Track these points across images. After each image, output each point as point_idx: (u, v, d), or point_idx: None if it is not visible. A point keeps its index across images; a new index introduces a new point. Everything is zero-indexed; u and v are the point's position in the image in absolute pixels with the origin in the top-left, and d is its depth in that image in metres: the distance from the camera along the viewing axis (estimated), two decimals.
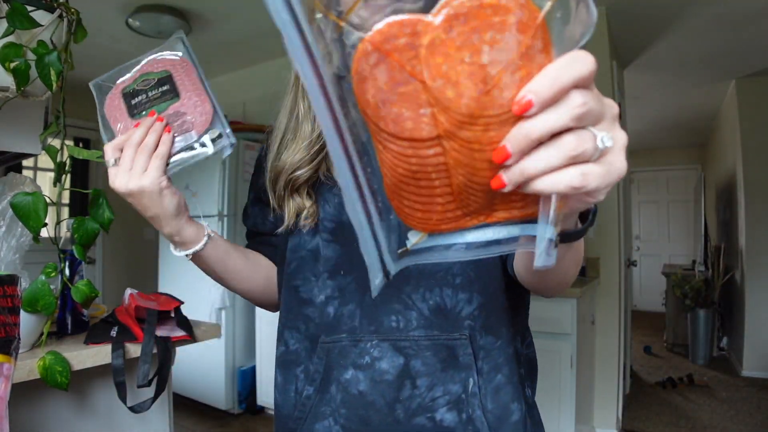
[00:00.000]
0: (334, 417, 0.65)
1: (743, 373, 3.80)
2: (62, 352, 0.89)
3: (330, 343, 0.66)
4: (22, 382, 0.85)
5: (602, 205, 2.63)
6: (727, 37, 3.10)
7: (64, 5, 0.94)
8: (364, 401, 0.64)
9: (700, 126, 5.54)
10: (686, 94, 4.38)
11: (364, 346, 0.64)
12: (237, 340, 3.05)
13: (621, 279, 2.64)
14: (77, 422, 1.06)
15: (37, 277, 0.87)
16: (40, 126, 1.10)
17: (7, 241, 0.91)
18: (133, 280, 4.47)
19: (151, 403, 1.01)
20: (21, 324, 0.77)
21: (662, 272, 5.13)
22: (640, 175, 6.92)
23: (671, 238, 6.77)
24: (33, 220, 0.84)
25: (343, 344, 0.65)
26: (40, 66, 0.87)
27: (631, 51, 3.31)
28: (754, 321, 3.77)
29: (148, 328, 1.02)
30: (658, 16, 2.80)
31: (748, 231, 3.86)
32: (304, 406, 0.67)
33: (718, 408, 3.10)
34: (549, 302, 2.07)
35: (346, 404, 0.64)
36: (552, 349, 2.06)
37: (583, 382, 2.25)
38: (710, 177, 5.71)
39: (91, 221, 0.93)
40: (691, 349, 4.25)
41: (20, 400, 0.95)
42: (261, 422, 2.93)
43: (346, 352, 0.65)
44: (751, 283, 3.81)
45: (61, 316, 1.05)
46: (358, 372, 0.64)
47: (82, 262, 1.03)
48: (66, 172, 0.95)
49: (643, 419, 2.91)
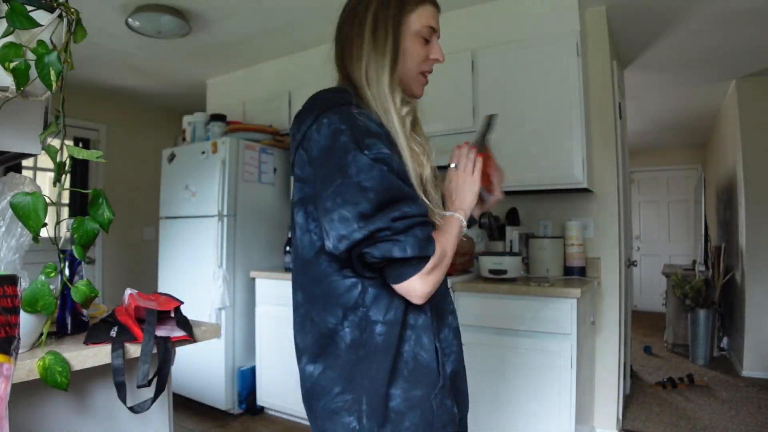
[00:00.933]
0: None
1: (744, 374, 3.80)
2: (62, 352, 0.89)
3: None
4: (21, 382, 0.85)
5: (602, 205, 2.63)
6: (727, 37, 3.10)
7: (63, 5, 0.94)
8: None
9: (701, 126, 5.53)
10: (686, 94, 4.38)
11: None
12: (237, 340, 3.05)
13: (621, 279, 2.64)
14: (77, 422, 1.06)
15: (36, 277, 0.87)
16: (39, 126, 1.09)
17: (6, 241, 0.91)
18: (133, 280, 4.47)
19: (151, 403, 1.00)
20: (21, 324, 0.77)
21: (662, 272, 5.13)
22: (640, 175, 6.92)
23: (671, 238, 6.77)
24: (33, 220, 0.84)
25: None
26: (39, 66, 0.87)
27: (632, 51, 3.31)
28: (754, 321, 3.77)
29: (148, 328, 1.02)
30: (659, 15, 2.80)
31: (749, 231, 3.86)
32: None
33: (719, 408, 3.10)
34: (549, 302, 2.07)
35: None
36: (552, 349, 2.06)
37: (583, 382, 2.24)
38: (710, 177, 5.70)
39: (90, 221, 0.93)
40: (692, 350, 4.24)
41: (20, 401, 0.95)
42: (261, 422, 2.93)
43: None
44: (751, 283, 3.81)
45: (60, 316, 1.05)
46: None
47: (81, 262, 1.03)
48: (66, 172, 0.95)
49: (644, 419, 2.91)
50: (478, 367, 2.21)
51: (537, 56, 2.48)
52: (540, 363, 2.08)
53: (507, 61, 2.56)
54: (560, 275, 2.52)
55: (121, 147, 4.55)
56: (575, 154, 2.37)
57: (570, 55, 2.40)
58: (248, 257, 3.15)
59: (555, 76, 2.43)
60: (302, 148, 0.91)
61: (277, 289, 2.94)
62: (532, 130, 2.47)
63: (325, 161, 0.85)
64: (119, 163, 4.50)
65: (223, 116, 3.31)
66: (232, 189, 3.04)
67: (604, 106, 2.68)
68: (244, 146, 3.11)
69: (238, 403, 3.02)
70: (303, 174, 0.91)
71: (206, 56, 3.52)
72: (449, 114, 2.70)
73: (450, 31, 2.82)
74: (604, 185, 2.64)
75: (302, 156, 0.91)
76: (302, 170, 0.91)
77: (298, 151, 0.93)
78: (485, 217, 2.68)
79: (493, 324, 2.18)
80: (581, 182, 2.37)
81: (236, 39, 3.21)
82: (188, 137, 3.34)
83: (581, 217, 2.66)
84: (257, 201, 3.23)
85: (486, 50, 2.63)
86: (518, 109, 2.51)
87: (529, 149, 2.48)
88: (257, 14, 2.84)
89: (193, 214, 3.15)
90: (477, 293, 2.21)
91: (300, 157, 0.92)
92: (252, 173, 3.18)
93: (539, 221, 2.79)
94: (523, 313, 2.12)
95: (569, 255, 2.55)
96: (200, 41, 3.22)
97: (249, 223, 3.16)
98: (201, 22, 2.91)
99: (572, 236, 2.55)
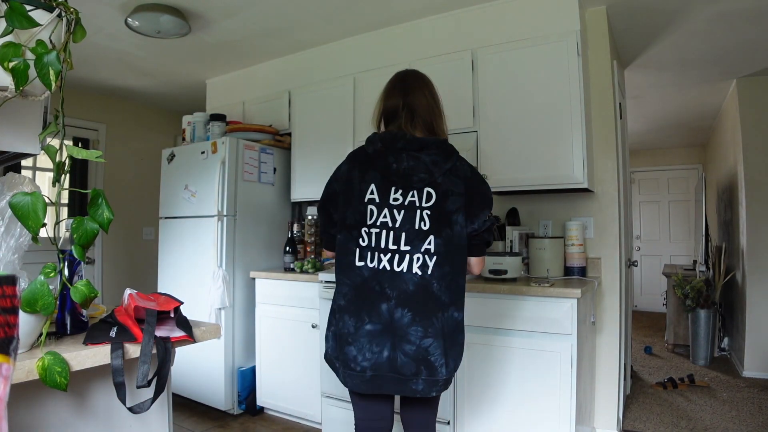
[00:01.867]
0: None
1: (744, 374, 3.79)
2: (61, 353, 0.89)
3: None
4: (21, 383, 0.85)
5: (603, 205, 2.63)
6: (727, 37, 3.10)
7: (63, 4, 0.93)
8: None
9: (701, 126, 5.53)
10: (687, 94, 4.38)
11: None
12: (237, 340, 3.05)
13: (621, 279, 2.64)
14: (76, 423, 1.06)
15: (36, 277, 0.87)
16: (39, 126, 1.09)
17: (6, 242, 0.91)
18: (133, 280, 4.47)
19: (150, 403, 1.00)
20: (20, 324, 0.76)
21: (663, 272, 5.13)
22: (640, 175, 6.92)
23: (672, 238, 6.77)
24: (32, 220, 0.84)
25: None
26: (39, 65, 0.87)
27: (632, 50, 3.31)
28: (755, 321, 3.77)
29: (148, 329, 1.02)
30: (659, 15, 2.80)
31: (749, 231, 3.85)
32: None
33: (719, 409, 3.10)
34: (549, 302, 2.07)
35: None
36: (552, 349, 2.05)
37: (584, 383, 2.24)
38: (711, 177, 5.70)
39: (90, 221, 0.93)
40: (692, 350, 4.24)
41: (19, 401, 0.95)
42: (261, 423, 2.92)
43: None
44: (752, 284, 3.80)
45: (60, 316, 1.05)
46: None
47: (81, 262, 1.03)
48: (65, 171, 0.95)
49: (644, 420, 2.91)
50: (478, 367, 2.20)
51: (537, 56, 2.48)
52: (540, 363, 2.08)
53: (507, 61, 2.56)
54: (560, 275, 2.52)
55: (121, 147, 4.54)
56: (575, 154, 2.37)
57: (570, 55, 2.40)
58: (248, 257, 3.14)
59: (555, 76, 2.42)
60: (455, 174, 1.45)
61: (277, 289, 2.94)
62: (533, 130, 2.47)
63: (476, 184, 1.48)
64: (119, 163, 4.50)
65: (223, 116, 3.30)
66: (231, 189, 3.04)
67: (604, 106, 2.68)
68: (243, 146, 3.11)
69: (238, 404, 3.02)
70: (455, 188, 1.43)
71: (206, 56, 3.51)
72: (449, 114, 2.68)
73: (450, 31, 2.84)
74: (605, 185, 2.64)
75: (454, 180, 1.44)
76: (455, 185, 1.43)
77: (448, 176, 1.44)
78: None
79: (493, 324, 2.18)
80: (581, 182, 2.37)
81: (236, 39, 3.21)
82: (188, 137, 3.34)
83: (581, 217, 2.66)
84: (257, 201, 3.23)
85: (486, 50, 2.62)
86: (518, 109, 2.51)
87: (529, 149, 2.47)
88: (257, 14, 2.84)
89: (192, 214, 3.15)
90: (477, 293, 2.21)
91: (452, 180, 1.44)
92: (252, 173, 3.18)
93: (539, 221, 2.78)
94: (524, 314, 2.12)
95: (569, 255, 2.55)
96: (200, 41, 3.21)
97: (249, 223, 3.16)
98: (201, 21, 2.91)
99: (572, 236, 2.55)
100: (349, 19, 2.94)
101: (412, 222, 1.40)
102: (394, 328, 1.37)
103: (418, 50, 2.88)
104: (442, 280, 1.38)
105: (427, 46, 2.85)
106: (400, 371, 1.36)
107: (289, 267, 3.03)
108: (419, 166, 1.40)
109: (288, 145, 3.41)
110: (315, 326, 2.74)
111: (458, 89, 2.67)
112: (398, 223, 1.40)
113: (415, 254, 1.38)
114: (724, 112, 4.72)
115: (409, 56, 2.90)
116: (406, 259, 1.39)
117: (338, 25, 3.01)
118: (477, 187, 1.45)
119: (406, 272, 1.38)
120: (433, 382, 1.37)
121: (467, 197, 1.42)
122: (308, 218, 3.16)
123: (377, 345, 1.37)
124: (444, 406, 2.23)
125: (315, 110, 3.27)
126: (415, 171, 1.41)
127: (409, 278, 1.38)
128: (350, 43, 3.19)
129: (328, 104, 3.20)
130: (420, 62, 2.83)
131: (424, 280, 1.38)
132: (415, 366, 1.35)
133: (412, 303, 1.37)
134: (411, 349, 1.35)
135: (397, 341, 1.36)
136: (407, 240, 1.39)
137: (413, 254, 1.39)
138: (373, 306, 1.39)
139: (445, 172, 1.41)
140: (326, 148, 3.18)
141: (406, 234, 1.39)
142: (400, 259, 1.39)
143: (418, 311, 1.36)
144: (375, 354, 1.37)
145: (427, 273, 1.38)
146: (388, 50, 3.01)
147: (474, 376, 2.21)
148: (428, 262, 1.38)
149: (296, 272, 2.91)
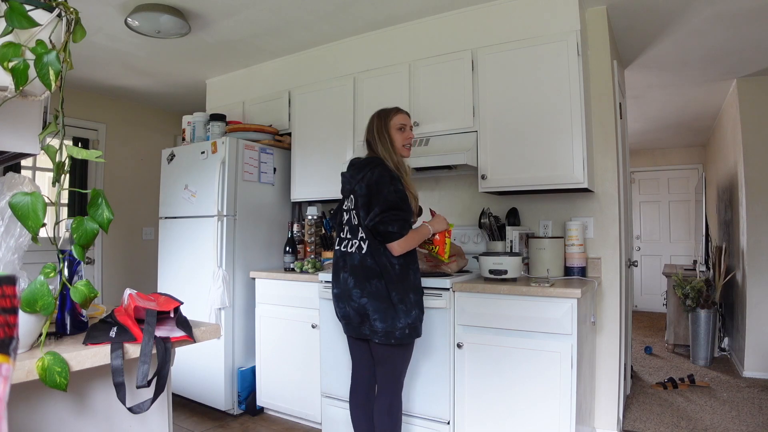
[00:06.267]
0: None
1: (744, 374, 3.79)
2: (61, 353, 0.89)
3: None
4: (21, 383, 0.85)
5: (603, 205, 2.63)
6: (728, 37, 3.10)
7: (62, 4, 0.93)
8: None
9: (702, 125, 5.53)
10: (687, 94, 4.38)
11: None
12: (237, 340, 3.05)
13: (622, 279, 2.63)
14: (76, 423, 1.06)
15: (36, 277, 0.87)
16: (38, 126, 1.09)
17: (5, 241, 0.91)
18: (133, 280, 4.47)
19: (150, 403, 1.00)
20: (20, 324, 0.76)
21: (663, 272, 5.12)
22: (640, 174, 6.92)
23: (672, 238, 6.77)
24: (32, 220, 0.84)
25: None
26: (38, 65, 0.87)
27: (632, 50, 3.31)
28: (755, 321, 3.77)
29: (148, 329, 1.02)
30: (659, 15, 2.80)
31: (750, 231, 3.85)
32: None
33: (720, 409, 3.10)
34: (549, 302, 2.07)
35: None
36: (552, 349, 2.05)
37: (584, 383, 2.24)
38: (711, 177, 5.70)
39: (90, 221, 0.93)
40: (692, 350, 4.24)
41: (19, 401, 0.95)
42: (261, 423, 2.92)
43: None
44: (752, 284, 3.80)
45: (60, 316, 1.05)
46: None
47: (81, 262, 1.03)
48: (65, 171, 0.95)
49: (644, 420, 2.91)
50: (478, 367, 2.20)
51: (537, 56, 2.48)
52: (540, 363, 2.08)
53: (507, 61, 2.56)
54: (561, 275, 2.52)
55: (121, 147, 4.54)
56: (575, 153, 2.37)
57: (570, 55, 2.39)
58: (248, 257, 3.14)
59: (555, 76, 2.42)
60: (362, 181, 1.98)
61: (277, 289, 2.94)
62: (533, 129, 2.47)
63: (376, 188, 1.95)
64: (119, 163, 4.50)
65: (223, 116, 3.30)
66: (231, 189, 3.04)
67: (604, 106, 2.67)
68: (243, 146, 3.11)
69: (238, 404, 3.02)
70: (360, 192, 1.97)
71: (206, 56, 3.51)
72: (449, 114, 2.70)
73: (450, 31, 2.84)
74: (605, 185, 2.64)
75: (361, 186, 1.98)
76: (361, 189, 1.98)
77: (359, 183, 1.99)
78: (485, 218, 2.68)
79: (493, 324, 2.18)
80: (581, 182, 2.36)
81: (236, 39, 3.21)
82: (188, 137, 3.34)
83: (581, 217, 2.66)
84: (257, 201, 3.23)
85: (486, 50, 2.62)
86: (518, 108, 2.51)
87: (529, 149, 2.47)
88: (257, 14, 2.84)
89: (192, 214, 3.14)
90: (477, 293, 2.21)
91: (360, 186, 1.99)
92: (252, 173, 3.18)
93: (539, 221, 2.78)
94: (524, 313, 2.12)
95: (569, 255, 2.55)
96: (200, 41, 3.21)
97: (249, 223, 3.16)
98: (200, 21, 2.91)
99: (572, 236, 2.55)
100: (349, 19, 2.94)
101: (350, 219, 2.05)
102: (348, 290, 1.98)
103: (418, 50, 2.88)
104: (371, 257, 1.94)
105: (427, 46, 2.85)
106: (353, 321, 1.99)
107: (289, 267, 3.03)
108: (349, 180, 2.06)
109: (288, 145, 3.41)
110: (315, 326, 2.74)
111: (458, 89, 2.67)
112: (347, 220, 2.07)
113: (354, 240, 2.01)
114: (724, 112, 4.71)
115: (409, 56, 2.90)
116: (351, 244, 2.02)
117: (338, 25, 3.01)
118: (375, 188, 1.93)
119: (354, 253, 1.99)
120: (373, 331, 1.92)
121: (367, 198, 1.95)
122: (308, 218, 3.16)
123: (342, 302, 2.01)
124: (444, 406, 2.23)
125: (315, 110, 3.27)
126: (349, 183, 2.06)
127: (354, 256, 1.98)
128: (350, 43, 3.19)
129: (328, 104, 3.20)
130: (420, 62, 2.83)
131: (361, 257, 1.96)
132: (359, 317, 1.95)
133: (355, 273, 1.97)
134: (354, 305, 1.96)
135: (347, 300, 1.98)
136: (350, 231, 2.04)
137: (353, 240, 2.02)
138: (338, 276, 2.04)
139: (358, 181, 2.00)
140: (326, 148, 3.18)
141: (350, 227, 2.04)
142: (349, 244, 2.03)
143: (358, 279, 1.95)
144: (341, 309, 2.02)
145: (362, 253, 1.96)
146: (388, 50, 3.01)
147: (474, 376, 2.21)
148: (362, 245, 1.97)
149: (296, 272, 2.91)
